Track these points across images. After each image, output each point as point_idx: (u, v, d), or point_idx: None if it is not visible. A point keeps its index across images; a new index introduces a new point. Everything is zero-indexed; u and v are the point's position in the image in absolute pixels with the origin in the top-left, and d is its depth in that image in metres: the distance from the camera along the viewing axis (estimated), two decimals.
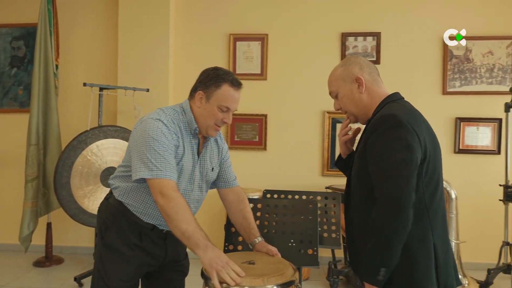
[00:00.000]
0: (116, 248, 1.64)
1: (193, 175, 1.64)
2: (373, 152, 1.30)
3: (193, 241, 1.43)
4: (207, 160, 1.70)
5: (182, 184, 1.61)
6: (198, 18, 4.04)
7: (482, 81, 3.86)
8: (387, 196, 1.22)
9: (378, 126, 1.30)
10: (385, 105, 1.41)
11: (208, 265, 1.39)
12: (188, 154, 1.61)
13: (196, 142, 1.64)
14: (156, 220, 1.65)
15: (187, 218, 1.45)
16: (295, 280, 1.49)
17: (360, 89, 1.46)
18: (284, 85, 3.99)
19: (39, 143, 3.55)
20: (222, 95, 1.59)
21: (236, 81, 1.64)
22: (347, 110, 1.50)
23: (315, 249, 1.93)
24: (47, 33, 3.62)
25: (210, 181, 1.75)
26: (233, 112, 1.64)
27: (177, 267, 1.84)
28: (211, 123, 1.60)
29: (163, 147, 1.50)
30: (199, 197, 1.71)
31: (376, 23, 3.91)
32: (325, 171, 3.92)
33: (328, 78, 1.55)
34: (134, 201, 1.64)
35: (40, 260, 3.75)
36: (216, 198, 3.95)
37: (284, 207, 2.07)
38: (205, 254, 1.41)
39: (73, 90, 4.04)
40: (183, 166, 1.59)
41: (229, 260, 1.42)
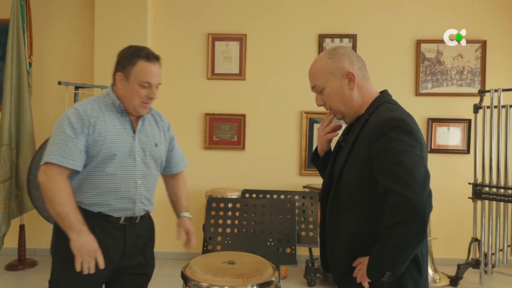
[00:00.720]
0: (66, 252, 1.53)
1: (133, 150, 1.65)
2: (384, 157, 1.20)
3: (68, 223, 1.50)
4: (148, 136, 1.73)
5: (120, 158, 1.61)
6: (176, 17, 4.02)
7: (453, 83, 4.00)
8: (404, 203, 1.14)
9: (386, 131, 1.21)
10: (379, 105, 1.34)
11: (77, 249, 1.48)
12: (118, 131, 1.63)
13: (128, 120, 1.68)
14: (109, 205, 1.61)
15: (64, 200, 1.50)
16: (275, 279, 1.52)
17: (350, 85, 1.35)
18: (263, 85, 4.02)
19: (11, 143, 3.46)
20: (139, 72, 1.61)
21: (151, 54, 1.65)
22: (333, 107, 1.39)
23: (293, 248, 1.97)
24: (20, 30, 3.53)
25: (158, 158, 1.76)
26: (156, 86, 1.67)
27: (138, 268, 1.74)
28: (136, 101, 1.64)
29: (67, 135, 1.54)
30: (146, 172, 1.69)
31: (352, 25, 3.99)
32: (303, 171, 3.98)
33: (311, 69, 1.39)
34: (83, 194, 1.60)
35: (13, 264, 3.65)
36: (192, 200, 3.96)
37: (263, 206, 2.10)
38: (78, 238, 1.49)
39: (48, 89, 3.95)
40: (112, 142, 1.61)
41: (98, 250, 1.50)
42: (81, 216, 1.52)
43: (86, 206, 1.60)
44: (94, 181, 1.59)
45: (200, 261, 1.62)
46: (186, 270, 1.56)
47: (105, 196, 1.60)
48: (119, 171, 1.61)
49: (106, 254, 1.56)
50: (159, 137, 1.78)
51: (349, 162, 1.32)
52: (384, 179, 1.19)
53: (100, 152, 1.57)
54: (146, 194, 1.71)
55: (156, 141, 1.75)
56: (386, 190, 1.18)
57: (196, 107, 4.01)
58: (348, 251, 1.31)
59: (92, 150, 1.57)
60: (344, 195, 1.33)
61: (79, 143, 1.54)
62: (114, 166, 1.60)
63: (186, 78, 4.02)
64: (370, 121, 1.30)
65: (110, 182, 1.60)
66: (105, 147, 1.58)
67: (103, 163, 1.59)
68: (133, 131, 1.68)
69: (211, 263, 1.60)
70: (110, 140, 1.60)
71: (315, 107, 3.95)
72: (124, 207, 1.63)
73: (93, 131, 1.57)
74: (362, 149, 1.28)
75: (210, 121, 4.00)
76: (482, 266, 3.46)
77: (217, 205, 2.12)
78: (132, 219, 1.67)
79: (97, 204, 1.61)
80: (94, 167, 1.59)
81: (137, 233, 1.70)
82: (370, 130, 1.27)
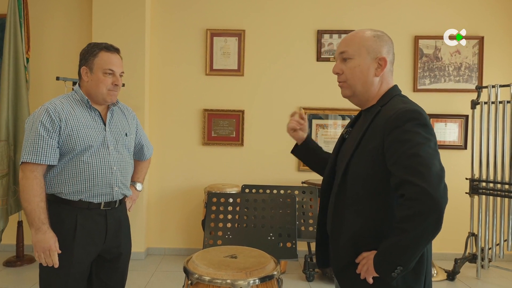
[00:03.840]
0: None
1: (106, 140, 1.78)
2: (399, 149, 1.17)
3: (30, 219, 1.65)
4: (118, 126, 1.86)
5: (95, 149, 1.74)
6: (175, 13, 4.01)
7: (450, 79, 4.02)
8: (421, 195, 1.11)
9: (402, 122, 1.19)
10: (392, 97, 1.32)
11: (34, 244, 1.65)
12: (89, 124, 1.76)
13: (97, 113, 1.80)
14: (89, 192, 1.73)
15: (30, 198, 1.64)
16: (276, 273, 1.53)
17: (377, 71, 1.32)
18: (261, 81, 4.02)
19: (9, 139, 3.44)
20: (101, 61, 1.76)
21: (111, 46, 1.81)
22: (350, 82, 1.33)
23: (294, 242, 1.98)
24: (17, 25, 3.49)
25: (129, 145, 1.90)
26: (120, 74, 1.80)
27: (113, 262, 1.87)
28: (104, 90, 1.77)
29: (38, 135, 1.67)
30: (119, 159, 1.82)
31: (351, 21, 3.99)
32: (301, 166, 3.99)
33: (351, 35, 1.35)
34: (63, 185, 1.72)
35: (11, 260, 3.64)
36: (191, 195, 3.98)
37: (263, 201, 2.11)
38: (36, 235, 1.64)
39: (45, 84, 3.93)
40: (86, 135, 1.73)
41: (53, 249, 1.64)
42: (45, 214, 1.66)
43: (67, 195, 1.72)
44: (72, 171, 1.72)
45: (202, 255, 1.62)
46: (188, 264, 1.56)
47: (84, 184, 1.72)
48: (94, 160, 1.74)
49: (90, 239, 1.74)
50: (128, 128, 1.92)
51: (358, 153, 1.29)
52: (399, 171, 1.16)
53: (76, 145, 1.70)
54: (121, 179, 1.82)
55: (126, 131, 1.89)
56: (401, 181, 1.15)
57: (195, 103, 4.01)
58: (353, 244, 1.29)
59: (67, 144, 1.70)
60: (351, 187, 1.30)
61: (51, 141, 1.68)
62: (89, 156, 1.72)
63: (184, 74, 4.01)
64: (382, 113, 1.28)
65: (88, 170, 1.72)
66: (80, 140, 1.71)
67: (79, 154, 1.72)
68: (103, 123, 1.81)
69: (213, 257, 1.60)
70: (83, 133, 1.72)
71: (314, 103, 4.01)
72: (103, 192, 1.76)
73: (65, 127, 1.70)
74: (374, 140, 1.25)
75: (208, 117, 3.99)
76: (479, 260, 3.48)
77: (217, 200, 2.12)
78: (111, 204, 1.80)
79: (77, 192, 1.72)
80: (70, 158, 1.72)
81: (118, 217, 1.85)
82: (383, 121, 1.24)
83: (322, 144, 4.00)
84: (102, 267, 1.86)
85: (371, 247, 1.25)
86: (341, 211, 1.32)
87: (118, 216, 1.86)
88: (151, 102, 3.88)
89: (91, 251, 1.77)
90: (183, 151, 4.02)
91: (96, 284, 1.87)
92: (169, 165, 4.02)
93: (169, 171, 4.02)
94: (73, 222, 1.73)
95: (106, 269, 1.87)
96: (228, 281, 1.44)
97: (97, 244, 1.78)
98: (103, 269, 1.86)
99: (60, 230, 1.71)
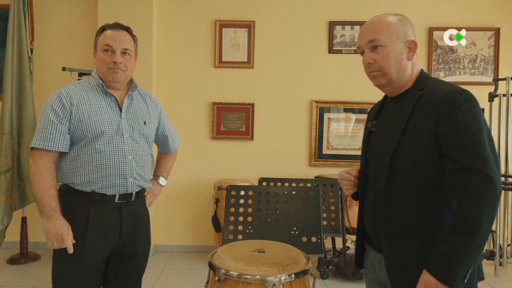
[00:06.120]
0: None
1: (120, 128, 1.67)
2: (460, 132, 1.12)
3: (40, 207, 1.58)
4: (136, 113, 1.74)
5: (108, 136, 1.64)
6: (183, 3, 3.89)
7: (465, 72, 3.92)
8: (489, 183, 1.06)
9: (459, 103, 1.13)
10: (428, 80, 1.27)
11: (45, 232, 1.57)
12: (103, 110, 1.67)
13: (113, 99, 1.70)
14: (101, 182, 1.63)
15: (40, 185, 1.57)
16: (309, 268, 1.43)
17: (409, 56, 1.27)
18: (272, 73, 3.91)
19: (13, 132, 3.32)
20: (101, 40, 1.68)
21: (116, 24, 1.72)
22: (386, 69, 1.27)
23: (319, 237, 1.88)
24: (21, 15, 3.38)
25: (147, 135, 1.77)
26: (121, 51, 1.67)
27: (130, 260, 1.76)
28: (104, 68, 1.67)
29: (49, 120, 1.61)
30: (135, 148, 1.70)
31: (364, 12, 3.88)
32: (313, 161, 3.89)
33: (375, 23, 1.29)
34: (75, 174, 1.64)
35: (15, 257, 3.53)
36: (200, 190, 3.87)
37: (286, 194, 2.00)
38: (46, 222, 1.57)
39: (49, 75, 3.81)
40: (99, 121, 1.64)
41: (65, 234, 1.55)
42: (56, 202, 1.58)
43: (79, 186, 1.63)
44: (84, 160, 1.62)
45: (228, 250, 1.51)
46: (214, 259, 1.46)
47: (96, 174, 1.62)
48: (107, 148, 1.63)
49: (103, 233, 1.63)
50: (148, 116, 1.79)
51: (405, 140, 1.22)
52: (460, 155, 1.10)
53: (87, 132, 1.61)
54: (137, 169, 1.70)
55: (145, 120, 1.77)
56: (463, 168, 1.09)
57: (203, 96, 3.90)
58: (408, 233, 1.21)
59: (78, 130, 1.61)
60: (401, 176, 1.22)
61: (60, 126, 1.60)
62: (102, 144, 1.62)
63: (193, 66, 3.90)
64: (427, 96, 1.22)
65: (100, 159, 1.62)
66: (92, 126, 1.61)
67: (92, 141, 1.62)
68: (119, 109, 1.70)
69: (240, 252, 1.50)
70: (95, 119, 1.63)
71: (325, 96, 3.91)
72: (116, 183, 1.64)
73: (76, 111, 1.62)
74: (424, 124, 1.19)
75: (217, 110, 3.88)
76: (497, 257, 3.39)
77: (237, 193, 2.02)
78: (127, 197, 1.68)
79: (89, 183, 1.62)
80: (83, 146, 1.62)
81: (134, 212, 1.72)
82: (434, 103, 1.18)
83: (334, 139, 3.90)
84: (118, 264, 1.75)
85: (426, 234, 1.19)
86: (391, 203, 1.25)
87: (134, 211, 1.72)
88: (158, 95, 3.76)
89: (104, 246, 1.66)
90: (191, 145, 3.90)
91: (112, 281, 1.76)
92: (176, 160, 3.87)
93: (177, 166, 3.86)
94: (85, 215, 1.63)
95: (122, 266, 1.75)
96: (258, 276, 1.33)
97: (111, 240, 1.67)
98: (119, 266, 1.75)
99: (72, 223, 1.61)
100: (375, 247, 1.35)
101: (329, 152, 3.90)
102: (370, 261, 1.39)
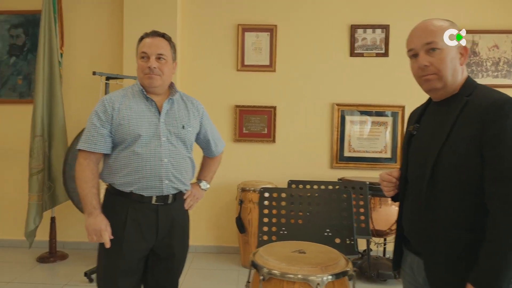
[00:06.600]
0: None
1: (158, 131, 1.73)
2: (506, 141, 1.15)
3: (83, 204, 1.70)
4: (175, 118, 1.80)
5: (145, 139, 1.71)
6: (206, 7, 3.96)
7: (488, 75, 3.91)
8: None
9: (507, 112, 1.16)
10: (475, 86, 1.30)
11: (86, 227, 1.68)
12: (143, 114, 1.75)
13: (153, 104, 1.77)
14: (138, 184, 1.71)
15: (82, 184, 1.70)
16: (349, 270, 1.47)
17: (461, 61, 1.30)
18: (293, 77, 3.96)
19: (44, 135, 3.42)
20: (140, 48, 1.79)
21: (154, 31, 1.83)
22: (442, 72, 1.28)
23: (352, 239, 1.92)
24: (52, 21, 3.48)
25: (185, 138, 1.81)
26: (155, 56, 1.75)
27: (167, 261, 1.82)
28: (141, 74, 1.76)
29: (92, 124, 1.73)
30: (172, 152, 1.75)
31: (385, 15, 3.91)
32: (334, 164, 3.92)
33: (429, 26, 1.31)
34: (115, 175, 1.73)
35: (44, 256, 3.63)
36: (222, 192, 3.92)
37: (318, 197, 2.04)
38: (88, 218, 1.68)
39: (78, 79, 3.91)
40: (137, 124, 1.72)
41: (103, 229, 1.65)
42: (96, 200, 1.69)
43: (119, 186, 1.72)
44: (123, 161, 1.71)
45: (269, 250, 1.56)
46: (257, 258, 1.51)
47: (134, 175, 1.69)
48: (144, 150, 1.70)
49: (140, 234, 1.71)
50: (187, 120, 1.84)
51: (450, 144, 1.24)
52: (503, 166, 1.13)
53: (127, 134, 1.69)
54: (174, 172, 1.75)
55: (184, 124, 1.81)
56: (504, 177, 1.12)
57: (226, 99, 3.96)
58: (449, 238, 1.23)
59: (119, 133, 1.71)
60: (444, 180, 1.24)
61: (102, 130, 1.71)
62: (140, 146, 1.69)
63: (216, 69, 3.96)
64: (474, 102, 1.24)
65: (137, 161, 1.69)
66: (130, 129, 1.70)
67: (131, 144, 1.70)
68: (158, 113, 1.76)
69: (280, 252, 1.55)
70: (134, 123, 1.71)
71: (347, 99, 3.93)
72: (152, 185, 1.71)
73: (117, 115, 1.71)
74: (469, 130, 1.21)
75: (240, 113, 3.94)
76: None
77: (270, 195, 2.07)
78: (164, 199, 1.74)
79: (127, 184, 1.70)
80: (123, 148, 1.71)
81: (171, 214, 1.77)
82: (481, 110, 1.20)
83: (355, 141, 3.92)
84: (156, 264, 1.82)
85: (466, 239, 1.20)
86: (432, 206, 1.27)
87: (171, 214, 1.78)
88: None
89: (141, 246, 1.73)
90: None
91: (150, 281, 1.83)
92: (199, 162, 3.97)
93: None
94: (124, 214, 1.71)
95: (159, 267, 1.82)
96: (301, 276, 1.38)
97: (148, 241, 1.74)
98: (156, 266, 1.82)
99: (111, 221, 1.70)
100: (414, 250, 1.37)
101: (350, 155, 3.93)
102: (409, 264, 1.41)
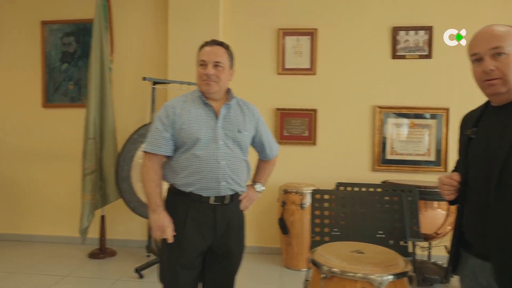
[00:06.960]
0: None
1: (216, 135, 1.82)
2: None
3: (148, 202, 1.82)
4: (232, 122, 1.88)
5: (204, 142, 1.80)
6: (247, 12, 4.05)
7: None
8: None
9: None
10: None
11: (150, 224, 1.82)
12: (202, 118, 1.84)
13: (211, 109, 1.86)
14: (197, 184, 1.80)
15: (146, 183, 1.83)
16: (409, 270, 1.49)
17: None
18: (334, 80, 3.98)
19: (96, 137, 3.61)
20: (199, 56, 1.89)
21: (212, 40, 1.91)
22: (507, 78, 1.30)
23: (405, 241, 1.93)
24: (103, 29, 3.67)
25: (241, 142, 1.89)
26: (213, 64, 1.84)
27: (224, 259, 1.90)
28: (200, 81, 1.86)
29: (155, 128, 1.84)
30: (229, 154, 1.83)
31: (428, 16, 3.86)
32: (376, 166, 3.91)
33: (496, 30, 1.33)
34: (176, 176, 1.83)
35: (95, 252, 3.82)
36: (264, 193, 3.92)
37: (370, 199, 2.07)
38: (152, 215, 1.81)
39: (126, 84, 4.10)
40: (197, 128, 1.81)
41: (166, 226, 1.77)
42: (160, 198, 1.82)
43: (180, 186, 1.82)
44: (184, 163, 1.81)
45: (328, 250, 1.61)
46: (316, 257, 1.56)
47: (193, 176, 1.79)
48: (203, 153, 1.79)
49: (199, 232, 1.81)
50: (243, 125, 1.91)
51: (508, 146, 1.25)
52: None
53: (187, 138, 1.79)
54: (231, 174, 1.83)
55: (240, 128, 1.89)
56: None
57: (267, 102, 4.03)
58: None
59: (180, 137, 1.81)
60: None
61: (165, 133, 1.82)
62: (199, 149, 1.78)
63: (257, 73, 4.04)
64: None
65: (196, 163, 1.79)
66: (190, 133, 1.79)
67: (191, 147, 1.79)
68: (216, 118, 1.85)
69: (339, 251, 1.59)
70: (194, 127, 1.80)
71: (389, 102, 3.91)
72: (210, 186, 1.79)
73: (178, 120, 1.81)
74: None
75: (281, 116, 4.00)
76: None
77: (321, 197, 2.11)
78: (221, 199, 1.82)
79: (187, 184, 1.80)
80: (184, 151, 1.81)
81: (227, 215, 1.85)
82: None
83: (397, 144, 3.90)
84: (213, 262, 1.90)
85: None
86: (502, 211, 1.26)
87: (227, 214, 1.87)
88: None
89: (199, 243, 1.83)
90: None
91: (207, 278, 1.91)
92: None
93: None
94: (185, 214, 1.81)
95: (217, 265, 1.90)
96: (362, 275, 1.41)
97: (207, 239, 1.83)
98: (214, 264, 1.90)
99: (173, 219, 1.81)
100: (477, 253, 1.37)
101: (392, 158, 3.90)
102: (470, 268, 1.40)
